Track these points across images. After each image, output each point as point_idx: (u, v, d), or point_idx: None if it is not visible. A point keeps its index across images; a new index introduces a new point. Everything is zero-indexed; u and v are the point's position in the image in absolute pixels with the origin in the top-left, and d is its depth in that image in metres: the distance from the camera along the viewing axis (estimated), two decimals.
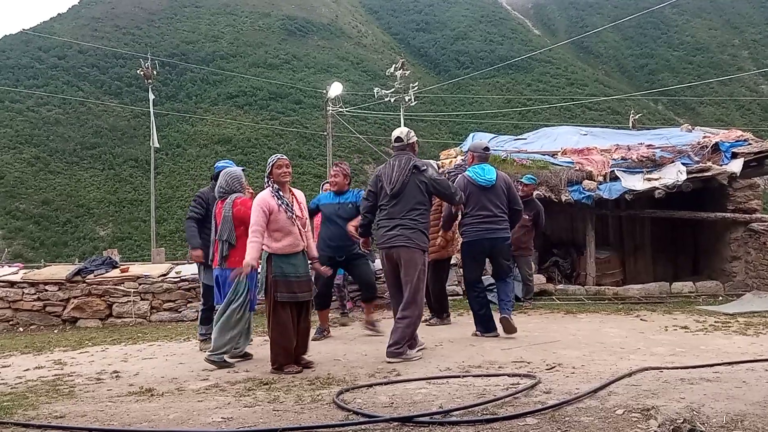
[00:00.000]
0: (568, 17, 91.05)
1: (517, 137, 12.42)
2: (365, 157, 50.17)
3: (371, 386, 4.16)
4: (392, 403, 3.66)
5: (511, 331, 6.04)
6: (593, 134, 11.92)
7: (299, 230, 4.94)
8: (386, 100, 29.83)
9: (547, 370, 4.54)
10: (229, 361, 5.23)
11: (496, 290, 6.63)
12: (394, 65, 30.90)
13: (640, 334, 6.18)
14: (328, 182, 7.38)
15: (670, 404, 3.27)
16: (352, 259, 6.56)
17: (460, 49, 76.62)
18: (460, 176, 6.51)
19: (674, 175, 9.68)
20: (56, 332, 8.36)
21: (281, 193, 4.93)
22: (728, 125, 37.58)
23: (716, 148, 10.12)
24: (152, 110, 27.05)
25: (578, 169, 9.99)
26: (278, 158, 5.06)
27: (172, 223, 42.82)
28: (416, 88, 29.91)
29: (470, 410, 3.37)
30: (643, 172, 9.93)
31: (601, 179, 9.85)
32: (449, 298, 7.73)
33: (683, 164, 9.87)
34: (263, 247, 4.89)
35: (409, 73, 30.59)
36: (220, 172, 6.41)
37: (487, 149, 6.68)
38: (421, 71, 66.06)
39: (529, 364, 4.80)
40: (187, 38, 67.58)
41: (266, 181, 5.03)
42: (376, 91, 30.29)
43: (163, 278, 9.00)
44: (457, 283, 8.86)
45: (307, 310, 5.05)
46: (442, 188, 5.44)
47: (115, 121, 53.72)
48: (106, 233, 43.09)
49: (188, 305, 8.86)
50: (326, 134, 29.30)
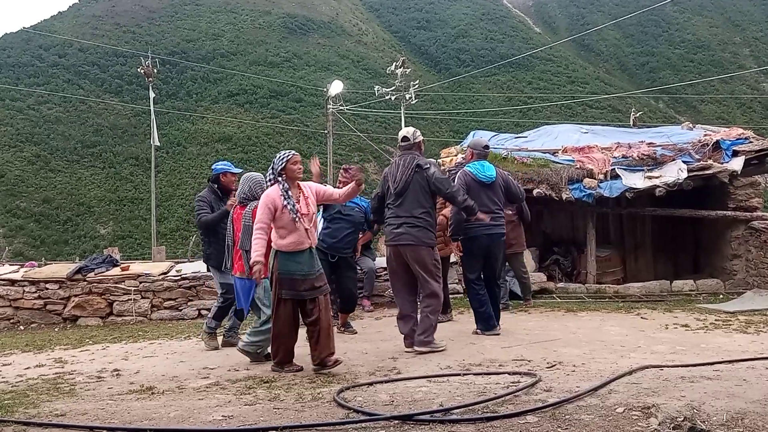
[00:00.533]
0: (568, 15, 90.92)
1: (517, 135, 12.43)
2: (366, 155, 50.13)
3: (372, 384, 4.16)
4: (393, 401, 3.66)
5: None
6: (594, 132, 11.89)
7: (305, 228, 4.81)
8: (387, 98, 29.83)
9: (547, 368, 4.54)
10: (266, 355, 5.24)
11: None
12: (394, 63, 30.90)
13: (640, 332, 6.18)
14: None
15: (670, 402, 3.27)
16: (342, 265, 6.55)
17: (460, 47, 76.52)
18: (460, 172, 6.47)
19: (675, 173, 9.67)
20: (57, 330, 8.37)
21: (290, 192, 4.84)
22: (729, 123, 37.53)
23: (717, 146, 10.11)
24: (153, 108, 27.05)
25: (579, 167, 9.98)
26: (293, 154, 4.96)
27: (172, 221, 42.85)
28: (417, 86, 29.89)
29: (471, 408, 3.37)
30: (643, 170, 9.92)
31: (601, 177, 9.84)
32: (450, 296, 7.75)
33: (684, 162, 9.85)
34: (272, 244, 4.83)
35: (409, 71, 30.56)
36: (218, 174, 6.38)
37: (487, 147, 6.69)
38: (421, 69, 65.98)
39: (529, 362, 4.80)
40: (187, 36, 67.47)
41: (276, 177, 4.89)
42: (376, 89, 30.26)
43: (163, 276, 8.99)
44: (458, 281, 8.86)
45: (319, 307, 4.80)
46: (443, 187, 5.47)
47: (115, 119, 53.68)
48: (106, 231, 43.09)
49: (189, 303, 8.85)
50: (327, 132, 29.30)
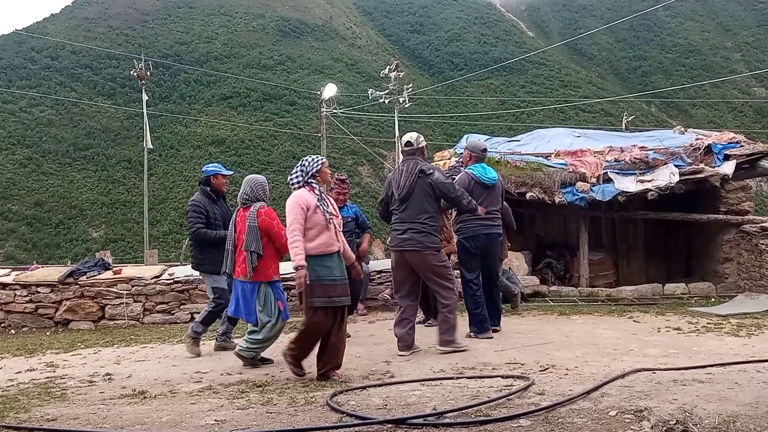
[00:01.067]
0: (561, 19, 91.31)
1: (510, 139, 12.44)
2: (359, 158, 50.15)
3: (365, 388, 4.16)
4: (386, 405, 3.66)
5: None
6: (586, 136, 11.92)
7: (335, 230, 4.73)
8: (380, 101, 29.88)
9: (540, 371, 4.55)
10: (261, 359, 5.23)
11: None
12: (388, 67, 30.96)
13: (632, 335, 6.20)
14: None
15: (662, 405, 3.29)
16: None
17: (454, 50, 76.71)
18: (462, 173, 6.52)
19: (667, 176, 9.71)
20: (48, 334, 8.31)
21: (324, 194, 4.78)
22: (720, 127, 37.78)
23: (709, 150, 10.16)
24: (145, 111, 26.98)
25: (572, 170, 10.01)
26: (323, 159, 4.90)
27: (165, 224, 42.71)
28: (410, 89, 29.98)
29: (464, 412, 3.37)
30: (636, 173, 9.96)
31: (594, 181, 9.87)
32: None
33: (676, 166, 9.89)
34: None
35: (403, 74, 30.66)
36: (209, 177, 6.34)
37: (485, 150, 6.80)
38: (415, 73, 66.07)
39: (522, 365, 4.81)
40: (180, 39, 67.32)
41: (307, 179, 4.77)
42: (370, 92, 30.34)
43: (156, 280, 8.96)
44: None
45: (342, 316, 4.74)
46: (447, 191, 5.52)
47: (108, 122, 53.47)
48: (98, 235, 42.89)
49: (181, 307, 8.82)
50: (320, 135, 29.28)
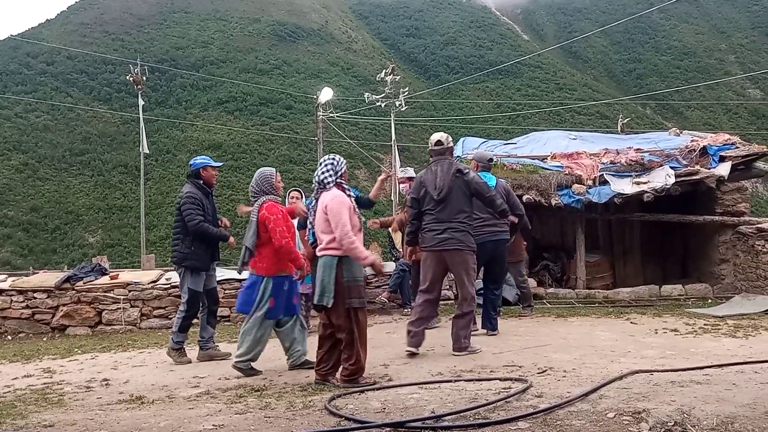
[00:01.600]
0: (556, 22, 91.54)
1: (507, 142, 12.49)
2: (356, 162, 50.05)
3: (363, 392, 4.15)
4: (384, 408, 3.65)
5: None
6: (582, 138, 11.96)
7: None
8: (376, 105, 29.89)
9: (538, 373, 4.55)
10: (256, 369, 5.12)
11: (482, 301, 6.66)
12: (384, 70, 30.93)
13: (630, 337, 6.21)
14: (295, 189, 7.47)
15: (660, 407, 3.28)
16: None
17: (449, 54, 76.86)
18: None
19: (663, 178, 9.74)
20: (45, 340, 8.29)
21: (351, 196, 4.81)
22: (716, 129, 37.97)
23: (704, 151, 10.20)
24: (142, 116, 26.89)
25: (568, 173, 10.04)
26: (344, 161, 4.91)
27: (162, 229, 42.54)
28: (406, 93, 29.95)
29: (462, 415, 3.37)
30: (631, 175, 9.99)
31: (590, 183, 9.90)
32: (441, 302, 7.70)
33: (672, 168, 9.92)
34: (331, 251, 4.58)
35: (399, 78, 30.62)
36: (198, 169, 6.22)
37: (491, 160, 7.11)
38: (411, 76, 66.15)
39: (520, 368, 4.81)
40: (176, 44, 67.27)
41: (337, 180, 4.76)
42: (366, 96, 30.32)
43: (153, 285, 8.95)
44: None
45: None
46: (483, 191, 5.65)
47: (104, 127, 53.39)
48: (95, 240, 42.79)
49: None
50: (317, 139, 29.29)
